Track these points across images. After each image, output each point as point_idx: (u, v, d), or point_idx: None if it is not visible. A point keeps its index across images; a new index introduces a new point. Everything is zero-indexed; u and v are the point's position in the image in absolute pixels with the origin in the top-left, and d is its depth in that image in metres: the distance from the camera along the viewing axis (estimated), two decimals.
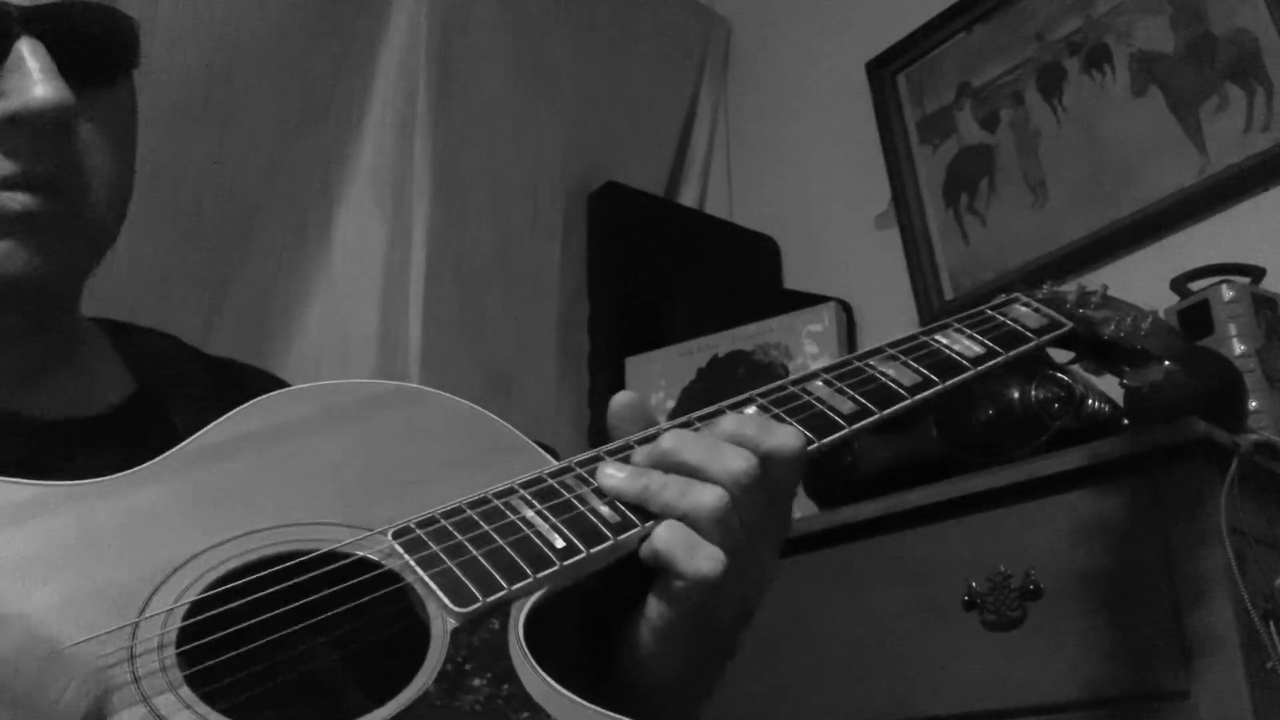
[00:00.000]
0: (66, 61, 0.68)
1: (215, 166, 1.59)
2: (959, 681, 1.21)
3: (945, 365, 0.81)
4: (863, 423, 0.74)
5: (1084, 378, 1.18)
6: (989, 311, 0.89)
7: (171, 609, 0.56)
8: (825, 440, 0.73)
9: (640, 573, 0.69)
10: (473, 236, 1.86)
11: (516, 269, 1.93)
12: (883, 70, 2.06)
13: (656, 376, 1.95)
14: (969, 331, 0.85)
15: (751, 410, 0.74)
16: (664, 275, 2.06)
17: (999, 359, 0.83)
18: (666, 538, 0.66)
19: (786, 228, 2.19)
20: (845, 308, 1.95)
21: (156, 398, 0.79)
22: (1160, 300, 1.47)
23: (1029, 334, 0.87)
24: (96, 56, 0.72)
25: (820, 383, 0.77)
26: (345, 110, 1.76)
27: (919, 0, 2.00)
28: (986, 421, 1.28)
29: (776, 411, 0.73)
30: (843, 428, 0.73)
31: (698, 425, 0.72)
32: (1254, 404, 1.30)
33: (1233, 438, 1.11)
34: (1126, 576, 1.12)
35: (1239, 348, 1.35)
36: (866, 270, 2.03)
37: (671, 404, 1.93)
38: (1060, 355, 0.99)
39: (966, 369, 0.81)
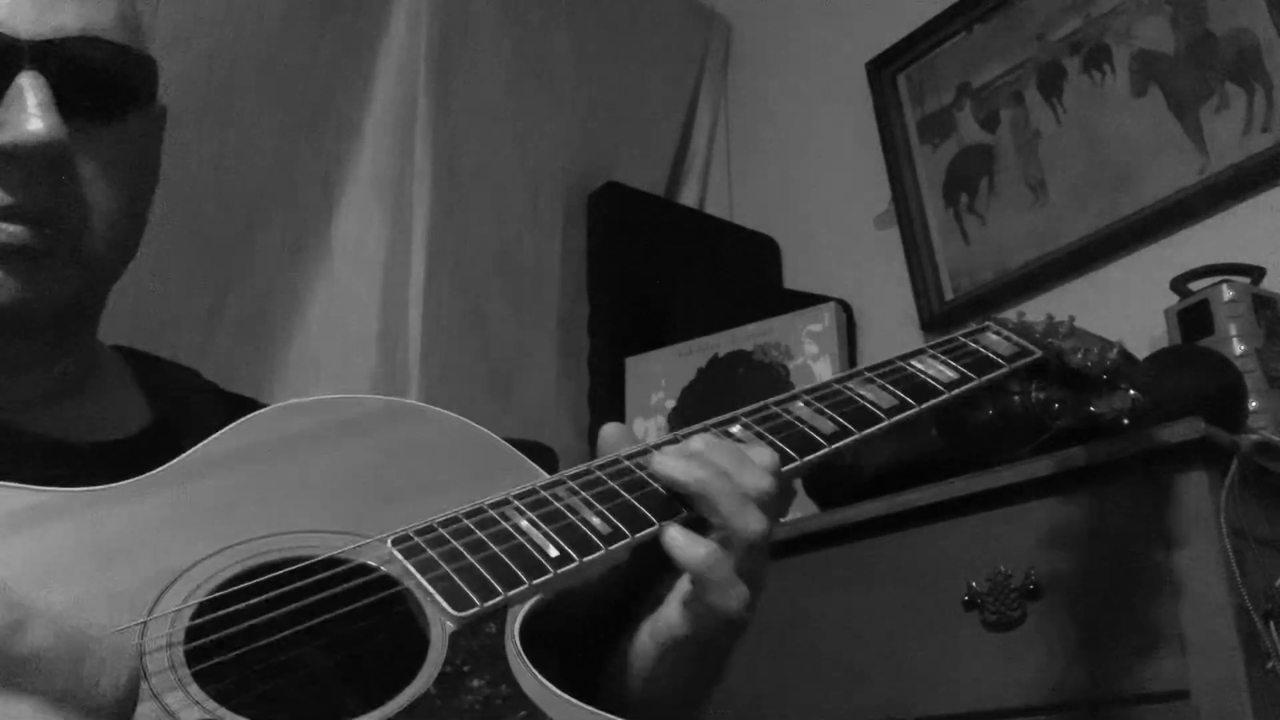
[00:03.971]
0: (71, 97, 0.68)
1: (215, 167, 1.59)
2: (959, 681, 1.21)
3: (920, 389, 0.85)
4: (842, 442, 0.78)
5: None
6: (961, 339, 0.94)
7: (179, 609, 0.57)
8: (806, 459, 0.76)
9: (635, 590, 0.70)
10: (473, 236, 1.86)
11: (516, 268, 1.93)
12: (883, 70, 2.06)
13: (656, 376, 1.95)
14: (943, 357, 0.90)
15: (736, 429, 0.77)
16: (664, 275, 2.06)
17: (972, 384, 0.88)
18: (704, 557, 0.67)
19: (786, 228, 2.19)
20: (845, 308, 1.95)
21: (173, 430, 0.79)
22: (1160, 300, 1.47)
23: (1000, 360, 0.93)
24: (104, 93, 0.72)
25: (801, 404, 0.80)
26: (345, 111, 1.75)
27: (919, 0, 2.00)
28: (986, 421, 1.28)
29: (759, 430, 0.77)
30: (823, 447, 0.77)
31: (680, 439, 0.74)
32: (1254, 404, 1.30)
33: (1233, 438, 1.11)
34: (1126, 576, 1.12)
35: (1239, 348, 1.35)
36: (866, 270, 2.03)
37: (672, 404, 1.92)
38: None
39: (941, 393, 0.86)
